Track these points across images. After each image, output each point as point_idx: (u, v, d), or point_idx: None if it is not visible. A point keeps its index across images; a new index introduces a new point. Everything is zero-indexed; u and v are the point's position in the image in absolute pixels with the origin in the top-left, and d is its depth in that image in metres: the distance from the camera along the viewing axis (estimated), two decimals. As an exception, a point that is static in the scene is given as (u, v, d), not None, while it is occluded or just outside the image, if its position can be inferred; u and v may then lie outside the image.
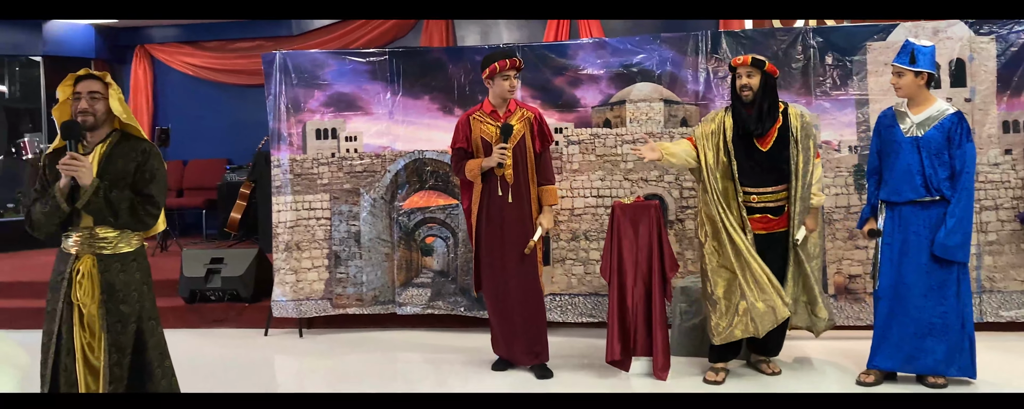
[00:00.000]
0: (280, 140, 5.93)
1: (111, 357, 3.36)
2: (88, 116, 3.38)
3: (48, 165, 3.46)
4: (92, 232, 3.38)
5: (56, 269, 3.45)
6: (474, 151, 4.79)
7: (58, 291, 3.39)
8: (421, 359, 5.29)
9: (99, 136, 3.44)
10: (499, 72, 4.69)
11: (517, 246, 4.73)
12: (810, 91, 5.40)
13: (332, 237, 5.88)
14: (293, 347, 5.74)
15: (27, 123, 9.82)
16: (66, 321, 3.36)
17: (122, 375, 3.38)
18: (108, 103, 3.41)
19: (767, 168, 4.43)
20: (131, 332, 3.40)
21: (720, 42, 5.49)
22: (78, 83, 3.42)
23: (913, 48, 4.22)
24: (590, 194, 5.62)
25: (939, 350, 4.23)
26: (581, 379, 4.71)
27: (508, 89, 4.73)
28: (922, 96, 4.27)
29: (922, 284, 4.23)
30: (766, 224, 4.45)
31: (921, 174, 4.22)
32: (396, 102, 5.86)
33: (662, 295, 4.56)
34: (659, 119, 5.58)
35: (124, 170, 3.41)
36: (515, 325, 4.78)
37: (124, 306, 3.38)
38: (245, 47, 9.83)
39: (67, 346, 3.35)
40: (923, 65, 4.21)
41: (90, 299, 3.35)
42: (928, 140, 4.22)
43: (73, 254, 3.39)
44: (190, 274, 6.38)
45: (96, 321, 3.36)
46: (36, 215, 3.40)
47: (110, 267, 3.38)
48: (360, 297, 5.89)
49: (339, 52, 6.14)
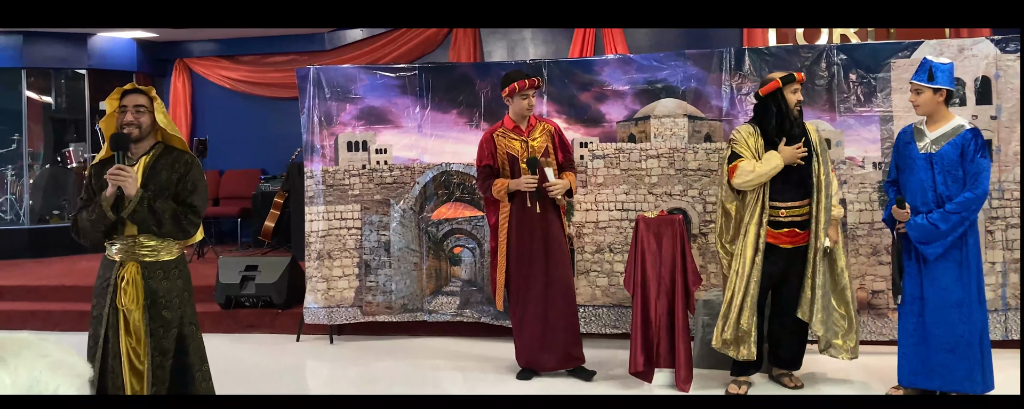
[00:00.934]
0: (313, 152, 5.98)
1: (154, 360, 3.42)
2: (134, 128, 3.45)
3: (94, 175, 3.53)
4: (136, 240, 3.44)
5: (101, 275, 3.51)
6: (500, 166, 4.84)
7: (103, 297, 3.46)
8: (449, 366, 5.31)
9: (144, 148, 3.51)
10: (518, 92, 4.76)
11: (553, 252, 4.78)
12: (834, 108, 5.36)
13: (362, 246, 5.91)
14: (324, 353, 5.78)
15: (72, 133, 9.98)
16: (112, 326, 3.42)
17: (165, 377, 3.44)
18: (153, 116, 3.49)
19: (796, 183, 4.42)
20: (173, 337, 3.46)
21: (744, 59, 5.46)
22: (124, 97, 3.50)
23: (931, 65, 4.18)
24: (614, 207, 5.60)
25: (960, 368, 4.16)
26: (604, 390, 4.70)
27: (526, 108, 4.80)
28: (940, 113, 4.22)
29: (940, 300, 4.17)
30: (793, 238, 4.42)
31: (933, 190, 4.18)
32: (425, 116, 5.89)
33: (685, 308, 4.54)
34: (683, 134, 5.55)
35: (168, 180, 3.47)
36: (555, 331, 4.81)
37: (166, 312, 3.44)
38: (280, 61, 9.93)
39: (114, 350, 3.42)
40: (941, 82, 4.16)
41: (135, 305, 3.41)
42: (941, 156, 4.17)
43: (117, 261, 3.46)
44: (226, 280, 6.45)
45: (141, 326, 3.42)
46: (83, 223, 3.47)
47: (153, 274, 3.44)
48: (389, 305, 5.91)
49: (370, 67, 6.19)
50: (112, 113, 3.51)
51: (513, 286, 4.86)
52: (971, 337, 4.13)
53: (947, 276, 4.14)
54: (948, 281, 4.15)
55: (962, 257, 4.12)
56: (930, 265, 4.18)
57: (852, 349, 4.54)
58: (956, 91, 5.11)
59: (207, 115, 10.42)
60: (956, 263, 4.13)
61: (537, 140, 4.83)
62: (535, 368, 4.91)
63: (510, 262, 4.84)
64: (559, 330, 4.82)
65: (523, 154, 4.78)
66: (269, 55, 10.03)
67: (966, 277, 4.13)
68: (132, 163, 3.46)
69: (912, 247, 4.26)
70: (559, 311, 4.82)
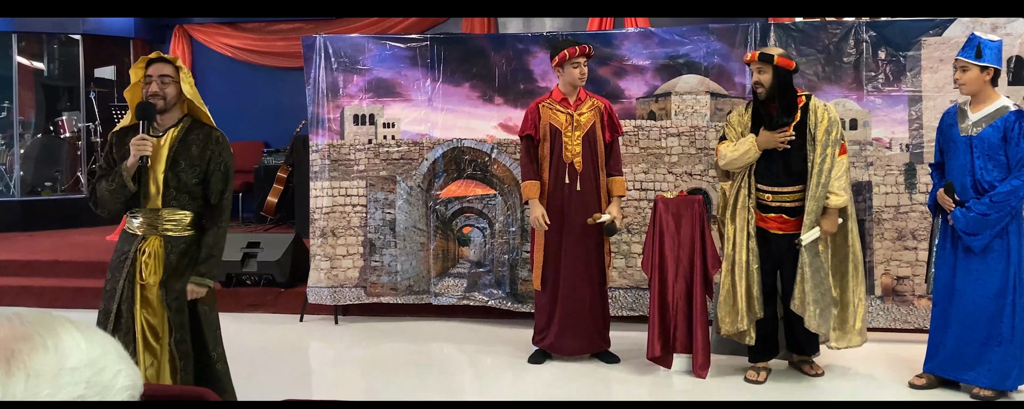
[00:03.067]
0: (318, 124, 6.05)
1: (175, 335, 3.49)
2: (159, 99, 3.48)
3: (115, 142, 3.58)
4: (159, 213, 3.49)
5: (119, 249, 3.56)
6: (541, 139, 4.91)
7: (120, 271, 3.50)
8: (457, 350, 5.40)
9: (170, 120, 3.55)
10: (569, 60, 4.80)
11: (585, 234, 4.86)
12: (861, 86, 5.40)
13: (367, 224, 6.00)
14: (328, 334, 5.89)
15: (65, 101, 10.05)
16: (127, 300, 3.47)
17: (187, 351, 3.50)
18: (179, 87, 3.51)
19: (783, 167, 4.44)
20: (187, 312, 3.52)
21: (769, 34, 5.50)
22: (150, 66, 3.52)
23: (979, 42, 4.17)
24: (633, 187, 5.68)
25: (993, 361, 4.19)
26: (620, 375, 4.79)
27: (578, 77, 4.84)
28: (985, 93, 4.22)
29: (976, 291, 4.22)
30: (782, 224, 4.47)
31: (971, 175, 4.21)
32: (436, 89, 5.96)
33: (703, 292, 4.62)
34: (705, 112, 5.61)
35: (199, 157, 3.52)
36: (583, 313, 4.90)
37: (181, 285, 3.49)
38: (285, 29, 9.97)
39: (127, 325, 3.46)
40: (989, 60, 4.16)
41: (154, 279, 3.47)
42: (981, 139, 4.19)
43: (139, 235, 3.51)
44: (226, 258, 6.37)
45: (158, 302, 3.48)
46: (102, 192, 3.51)
47: (175, 248, 3.50)
48: (394, 286, 6.00)
49: (380, 37, 6.25)
50: (137, 82, 3.54)
51: (548, 263, 4.94)
52: (1008, 331, 4.16)
53: (986, 266, 4.18)
54: (987, 271, 4.18)
55: (1003, 247, 4.15)
56: (968, 254, 4.22)
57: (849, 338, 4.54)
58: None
59: (208, 85, 10.42)
60: (996, 253, 4.16)
61: (585, 115, 4.89)
62: (557, 352, 5.00)
63: (548, 239, 4.93)
64: (587, 313, 4.91)
65: (567, 128, 4.85)
66: (274, 22, 10.05)
67: (1006, 268, 4.17)
68: (158, 135, 3.51)
69: (948, 233, 4.31)
70: (592, 293, 4.92)
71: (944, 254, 4.34)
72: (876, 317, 5.33)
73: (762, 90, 4.41)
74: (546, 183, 4.91)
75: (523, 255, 5.73)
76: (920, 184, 5.31)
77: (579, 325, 4.93)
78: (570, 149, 4.86)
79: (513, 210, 5.81)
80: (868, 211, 5.33)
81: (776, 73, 4.38)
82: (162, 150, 3.50)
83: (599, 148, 4.93)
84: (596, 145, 4.92)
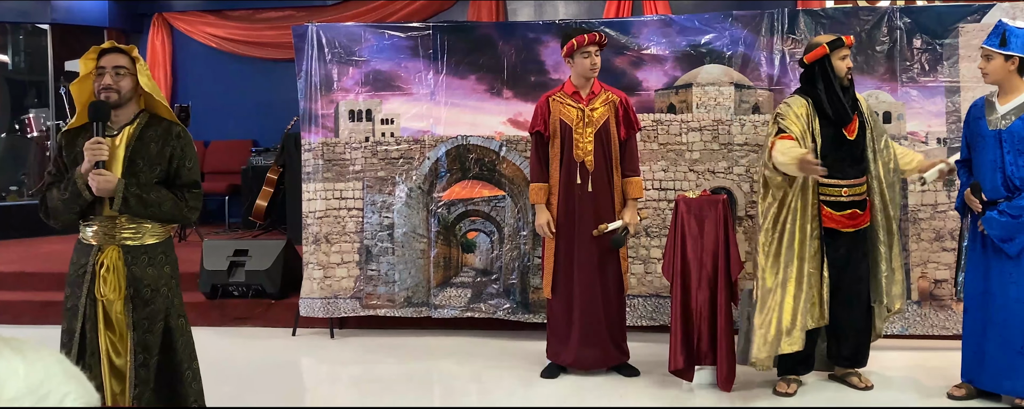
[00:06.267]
0: (311, 121, 6.14)
1: (137, 357, 3.46)
2: (112, 93, 3.45)
3: (65, 145, 3.57)
4: (116, 221, 3.47)
5: (75, 262, 3.55)
6: (551, 135, 5.02)
7: (79, 286, 3.48)
8: (462, 367, 5.48)
9: (126, 116, 3.54)
10: (578, 49, 4.90)
11: (599, 237, 4.98)
12: (895, 77, 5.52)
13: (363, 230, 6.08)
14: (323, 349, 5.98)
15: (32, 97, 10.09)
16: (90, 318, 3.46)
17: (149, 377, 3.49)
18: (135, 79, 3.52)
19: (855, 158, 4.63)
20: (159, 330, 3.52)
21: (797, 21, 5.63)
22: (102, 57, 3.49)
23: (1005, 29, 4.29)
24: (652, 186, 5.79)
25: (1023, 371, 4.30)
26: (640, 390, 4.91)
27: (590, 67, 4.94)
28: (1012, 83, 4.34)
29: (1010, 296, 4.31)
30: (854, 221, 4.62)
31: (1001, 171, 4.31)
32: (439, 82, 6.07)
33: (728, 299, 4.73)
34: (729, 105, 5.73)
35: (158, 155, 3.53)
36: (599, 324, 5.01)
37: (152, 302, 3.50)
38: (274, 17, 10.06)
39: (91, 346, 3.45)
40: (1015, 48, 4.27)
41: (115, 295, 3.46)
42: (1011, 132, 4.30)
43: (95, 245, 3.49)
44: (211, 267, 6.58)
45: (122, 319, 3.46)
46: (53, 202, 3.50)
47: (137, 260, 3.48)
48: (391, 297, 6.06)
49: (377, 25, 6.35)
50: (87, 75, 3.50)
51: (560, 271, 5.05)
52: None
53: (1020, 270, 4.28)
54: (1018, 275, 4.28)
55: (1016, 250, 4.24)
56: (1000, 256, 4.32)
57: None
58: None
59: (190, 78, 10.58)
60: None
61: (598, 110, 4.99)
62: (572, 365, 5.11)
63: (558, 244, 5.05)
64: (603, 323, 5.02)
65: (577, 124, 4.96)
66: (262, 10, 10.13)
67: None
68: (112, 134, 3.50)
69: (978, 235, 4.41)
70: (608, 301, 5.04)
71: (974, 256, 4.45)
72: (913, 323, 5.45)
73: (851, 76, 4.62)
74: (556, 184, 5.03)
75: (535, 261, 5.83)
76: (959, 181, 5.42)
77: (595, 336, 5.03)
78: (581, 147, 4.98)
79: (524, 212, 5.92)
80: (904, 210, 5.44)
81: None
82: (118, 150, 3.49)
83: (613, 146, 5.04)
84: (610, 143, 5.03)
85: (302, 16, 9.67)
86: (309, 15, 9.61)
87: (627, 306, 5.48)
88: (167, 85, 10.45)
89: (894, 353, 5.32)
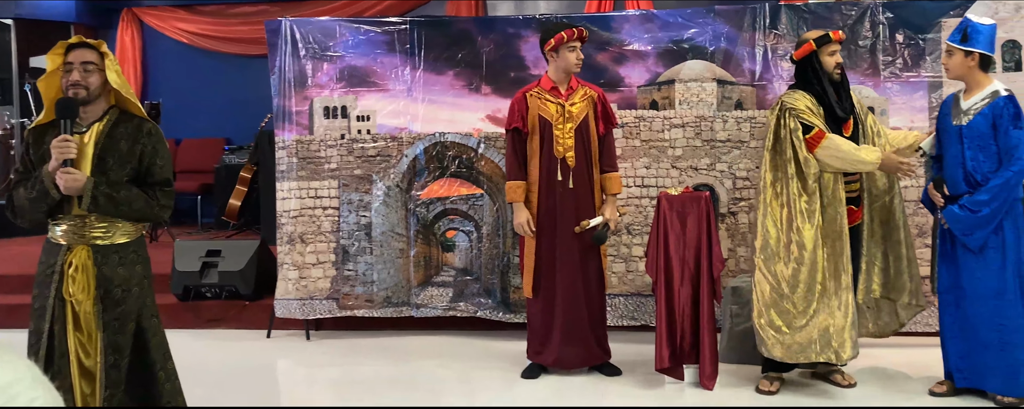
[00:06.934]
0: (285, 118, 6.13)
1: (108, 358, 3.47)
2: (80, 89, 3.46)
3: (33, 142, 3.56)
4: (85, 220, 3.48)
5: (44, 262, 3.55)
6: (530, 131, 5.04)
7: (48, 286, 3.48)
8: (443, 367, 5.50)
9: (95, 113, 3.54)
10: (565, 43, 4.93)
11: (581, 235, 5.00)
12: (878, 72, 5.60)
13: (340, 229, 6.09)
14: (299, 351, 5.97)
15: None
16: (58, 319, 3.46)
17: (120, 378, 3.49)
18: (104, 75, 3.51)
19: None
20: (130, 331, 3.53)
21: (780, 16, 5.69)
22: (70, 52, 3.49)
23: (967, 25, 4.38)
24: (634, 184, 5.83)
25: (999, 367, 4.38)
26: (622, 389, 4.95)
27: (575, 62, 4.98)
28: (974, 79, 4.43)
29: (977, 291, 4.40)
30: (849, 218, 4.68)
31: (962, 166, 4.41)
32: (416, 77, 6.08)
33: (711, 296, 4.78)
34: (711, 101, 5.78)
35: (129, 153, 3.53)
36: (581, 323, 5.05)
37: (123, 303, 3.51)
38: (247, 12, 10.03)
39: (60, 348, 3.46)
40: (975, 44, 4.36)
41: (85, 295, 3.46)
42: (971, 128, 4.39)
43: (64, 245, 3.50)
44: (183, 268, 6.57)
45: (92, 319, 3.47)
46: (20, 201, 3.50)
47: (108, 259, 3.49)
48: (370, 297, 6.08)
49: (353, 20, 6.33)
50: (54, 71, 3.51)
51: (541, 269, 5.08)
52: (1011, 334, 4.33)
53: (983, 264, 4.37)
54: (985, 270, 4.37)
55: (998, 243, 4.33)
56: (966, 252, 4.41)
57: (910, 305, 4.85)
58: (1011, 55, 5.40)
59: (161, 75, 10.54)
60: (992, 250, 4.35)
61: (577, 105, 5.02)
62: (554, 365, 5.13)
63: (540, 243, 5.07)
64: (585, 322, 5.06)
65: (558, 120, 4.99)
66: (235, 5, 10.12)
67: (1002, 267, 4.34)
68: (81, 131, 3.50)
69: (945, 230, 4.51)
70: (590, 300, 5.07)
71: (944, 252, 4.54)
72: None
73: (840, 72, 4.67)
74: (535, 181, 5.05)
75: (514, 260, 5.85)
76: (942, 176, 5.50)
77: (577, 335, 5.06)
78: (562, 143, 5.00)
79: (503, 211, 5.94)
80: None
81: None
82: (87, 148, 3.49)
83: (593, 142, 5.07)
84: (589, 138, 5.06)
85: (276, 11, 9.64)
86: (283, 10, 9.59)
87: (609, 305, 5.52)
88: (137, 82, 10.41)
89: (880, 350, 5.37)
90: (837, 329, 4.57)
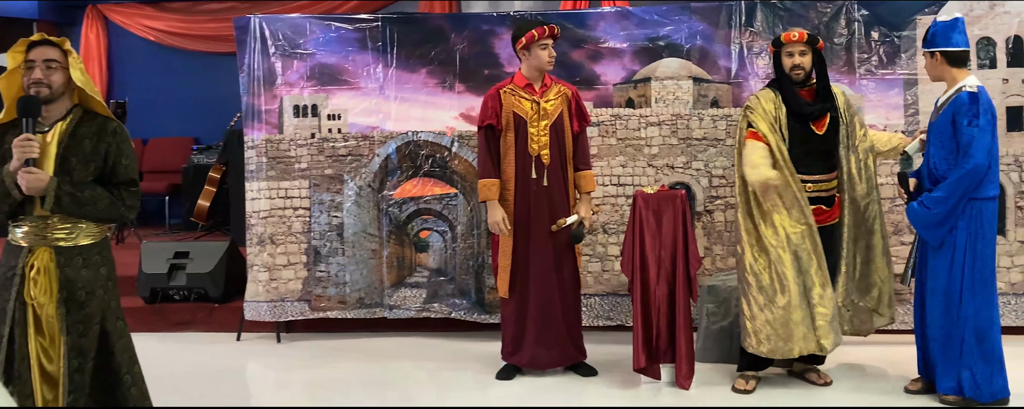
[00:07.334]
0: (254, 117, 6.10)
1: (71, 363, 3.44)
2: (43, 87, 3.44)
3: None
4: (48, 221, 3.45)
5: (4, 263, 3.52)
6: (504, 129, 5.03)
7: (8, 289, 3.46)
8: (417, 368, 5.49)
9: (58, 112, 3.52)
10: (536, 41, 4.92)
11: (555, 233, 5.01)
12: (853, 70, 5.65)
13: (311, 230, 6.07)
14: (270, 354, 5.95)
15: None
16: (19, 323, 3.44)
17: (83, 383, 3.47)
18: (67, 73, 3.50)
19: (822, 154, 4.72)
20: (94, 334, 3.51)
21: (755, 14, 5.72)
22: (31, 49, 3.47)
23: (930, 27, 4.46)
24: (610, 182, 5.85)
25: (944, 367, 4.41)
26: (598, 389, 4.96)
27: (548, 60, 4.98)
28: (948, 77, 4.46)
29: (932, 287, 4.46)
30: (819, 217, 4.71)
31: (927, 164, 4.48)
32: (388, 75, 6.06)
33: (687, 295, 4.79)
34: (687, 99, 5.80)
35: (93, 152, 3.51)
36: (556, 322, 5.05)
37: (87, 305, 3.48)
38: (216, 9, 10.00)
39: (21, 352, 3.43)
40: (933, 45, 4.42)
41: (47, 298, 3.44)
42: (935, 125, 4.45)
43: (25, 247, 3.47)
44: (150, 270, 6.55)
45: (55, 323, 3.44)
46: None
47: (71, 261, 3.47)
48: (343, 299, 6.07)
49: (324, 17, 6.32)
50: (16, 69, 3.49)
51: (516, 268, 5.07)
52: (955, 334, 4.36)
53: (939, 262, 4.42)
54: (940, 268, 4.42)
55: (952, 242, 4.37)
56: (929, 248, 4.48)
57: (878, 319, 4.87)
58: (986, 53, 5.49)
59: (127, 73, 10.47)
60: (946, 249, 4.39)
61: (552, 102, 5.03)
62: (528, 366, 5.14)
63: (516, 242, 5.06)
64: (560, 321, 5.06)
65: (532, 117, 4.99)
66: (203, 1, 10.08)
67: (949, 266, 4.37)
68: (43, 130, 3.48)
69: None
70: (565, 299, 5.07)
71: (919, 248, 4.60)
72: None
73: (801, 73, 4.69)
74: (510, 179, 5.04)
75: (490, 260, 5.85)
76: (918, 174, 5.56)
77: (552, 335, 5.06)
78: (536, 140, 5.01)
79: (477, 210, 5.93)
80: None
81: (815, 55, 4.69)
82: (49, 148, 3.46)
83: (567, 139, 5.08)
84: (564, 136, 5.06)
85: (245, 8, 9.62)
86: (252, 7, 9.56)
87: (585, 305, 5.52)
88: (102, 81, 10.35)
89: (856, 348, 5.41)
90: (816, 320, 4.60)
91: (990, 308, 4.36)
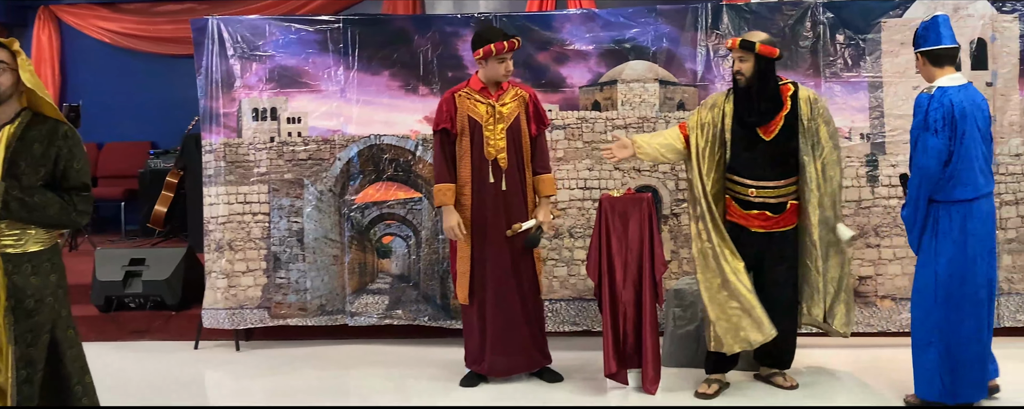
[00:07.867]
0: (212, 120, 6.07)
1: (20, 373, 3.42)
2: None
3: None
4: None
5: None
6: (459, 132, 5.02)
7: None
8: (379, 375, 5.48)
9: (6, 115, 3.51)
10: (495, 55, 4.91)
11: (513, 238, 5.01)
12: (819, 72, 5.71)
13: (271, 236, 6.04)
14: (228, 362, 5.91)
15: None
16: None
17: (33, 394, 3.45)
18: (16, 75, 3.48)
19: (770, 160, 4.72)
20: (44, 343, 3.48)
21: (721, 16, 5.77)
22: None
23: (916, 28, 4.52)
24: (576, 185, 5.87)
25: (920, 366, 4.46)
26: (564, 395, 4.97)
27: (503, 74, 4.99)
28: (930, 76, 4.49)
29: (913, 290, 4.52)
30: (765, 222, 4.73)
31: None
32: (350, 78, 6.05)
33: (653, 299, 4.82)
34: (654, 102, 5.84)
35: (44, 156, 3.49)
36: (519, 328, 5.05)
37: (36, 314, 3.46)
38: (173, 10, 9.93)
39: None
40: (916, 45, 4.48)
41: None
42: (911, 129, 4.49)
43: None
44: (105, 278, 6.49)
45: (2, 332, 3.42)
46: None
47: (19, 268, 3.45)
48: (303, 306, 6.05)
49: (283, 18, 6.29)
50: None
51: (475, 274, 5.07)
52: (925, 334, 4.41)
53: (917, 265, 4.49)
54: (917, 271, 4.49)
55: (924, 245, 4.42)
56: None
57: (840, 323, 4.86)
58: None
59: (80, 76, 10.38)
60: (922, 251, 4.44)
61: (508, 106, 5.03)
62: (492, 373, 5.13)
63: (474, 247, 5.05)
64: (522, 326, 5.06)
65: (488, 120, 4.99)
66: (160, 3, 10.01)
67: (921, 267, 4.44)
68: None
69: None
70: (525, 304, 5.07)
71: None
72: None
73: (742, 78, 4.70)
74: (466, 183, 5.04)
75: (452, 265, 5.88)
76: (883, 177, 5.64)
77: (514, 341, 5.06)
78: (493, 144, 5.01)
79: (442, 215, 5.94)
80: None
81: (757, 61, 4.67)
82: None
83: (524, 143, 5.08)
84: (521, 139, 5.07)
85: (203, 9, 9.57)
86: (210, 8, 9.52)
87: (550, 310, 5.53)
88: (55, 83, 10.25)
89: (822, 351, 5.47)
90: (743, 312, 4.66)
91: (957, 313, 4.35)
